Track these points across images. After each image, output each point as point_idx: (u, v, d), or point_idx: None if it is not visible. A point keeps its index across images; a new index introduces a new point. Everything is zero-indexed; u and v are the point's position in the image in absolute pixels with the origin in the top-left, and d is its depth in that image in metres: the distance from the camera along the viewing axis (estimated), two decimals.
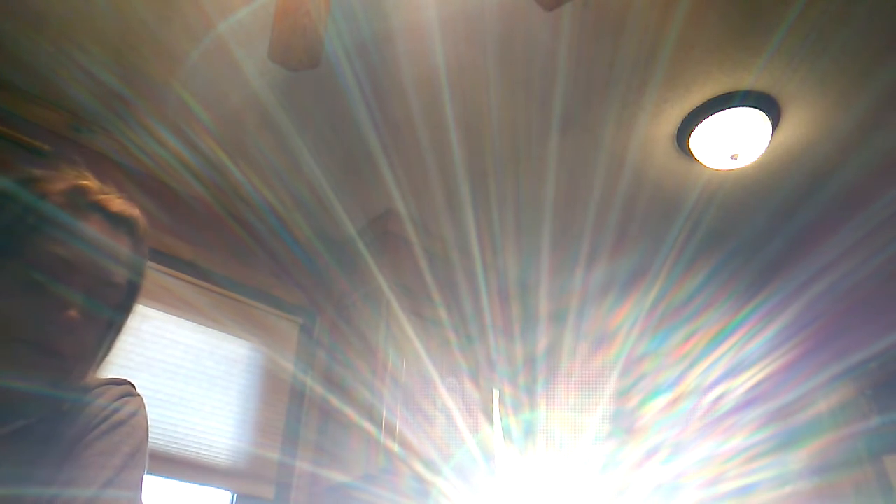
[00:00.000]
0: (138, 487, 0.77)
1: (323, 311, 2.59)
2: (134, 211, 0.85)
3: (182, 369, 2.11)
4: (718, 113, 2.07)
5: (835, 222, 2.44)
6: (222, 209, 2.44)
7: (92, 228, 0.79)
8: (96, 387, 0.82)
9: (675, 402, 2.69)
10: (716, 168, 2.25)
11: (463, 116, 2.14)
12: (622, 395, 2.88)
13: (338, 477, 2.20)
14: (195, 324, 2.20)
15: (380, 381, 2.21)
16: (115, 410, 0.80)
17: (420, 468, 2.14)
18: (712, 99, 2.06)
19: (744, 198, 2.46)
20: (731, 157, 2.16)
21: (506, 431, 2.69)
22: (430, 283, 2.55)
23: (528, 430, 2.83)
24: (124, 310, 0.85)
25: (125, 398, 0.83)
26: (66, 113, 2.13)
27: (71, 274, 0.76)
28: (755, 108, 2.06)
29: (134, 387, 0.87)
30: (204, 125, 2.19)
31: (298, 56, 1.55)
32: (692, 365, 2.69)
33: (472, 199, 2.50)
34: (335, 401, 2.36)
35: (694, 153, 2.21)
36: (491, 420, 2.53)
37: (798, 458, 2.28)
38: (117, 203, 0.83)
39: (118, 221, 0.83)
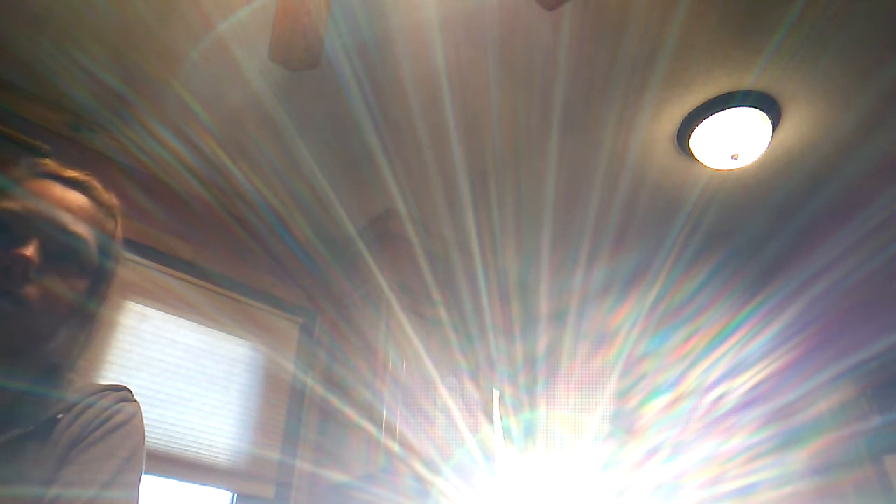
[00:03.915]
0: (135, 490, 0.77)
1: (323, 311, 2.59)
2: (91, 180, 0.87)
3: (182, 369, 2.11)
4: (718, 113, 2.07)
5: (835, 222, 2.44)
6: (222, 209, 2.44)
7: (44, 188, 0.82)
8: (93, 392, 0.83)
9: (675, 402, 2.69)
10: (716, 168, 2.25)
11: (463, 116, 2.14)
12: (622, 395, 2.88)
13: (338, 477, 2.20)
14: (195, 324, 2.20)
15: (380, 381, 2.21)
16: (113, 414, 0.80)
17: (420, 468, 2.14)
18: (712, 99, 2.06)
19: (744, 198, 2.46)
20: (732, 157, 2.16)
21: (506, 431, 2.69)
22: (430, 282, 2.55)
23: (528, 430, 2.83)
24: (96, 296, 0.84)
25: (122, 403, 0.83)
26: (66, 113, 2.13)
27: (24, 223, 0.77)
28: (755, 108, 2.05)
29: (131, 392, 0.87)
30: (204, 125, 2.18)
31: (298, 56, 1.55)
32: (692, 365, 2.69)
33: (472, 199, 2.50)
34: (335, 401, 2.36)
35: (694, 153, 2.21)
36: (491, 420, 2.53)
37: (798, 459, 2.28)
38: (72, 172, 0.86)
39: (72, 183, 0.85)
